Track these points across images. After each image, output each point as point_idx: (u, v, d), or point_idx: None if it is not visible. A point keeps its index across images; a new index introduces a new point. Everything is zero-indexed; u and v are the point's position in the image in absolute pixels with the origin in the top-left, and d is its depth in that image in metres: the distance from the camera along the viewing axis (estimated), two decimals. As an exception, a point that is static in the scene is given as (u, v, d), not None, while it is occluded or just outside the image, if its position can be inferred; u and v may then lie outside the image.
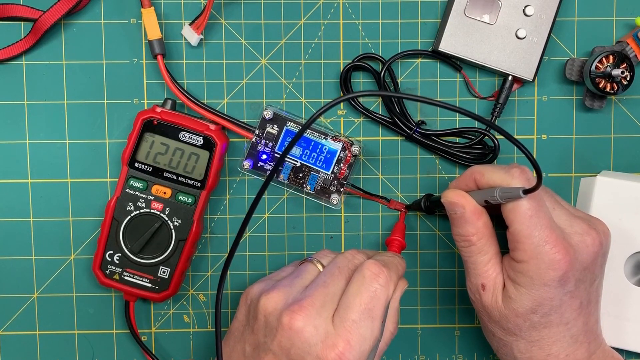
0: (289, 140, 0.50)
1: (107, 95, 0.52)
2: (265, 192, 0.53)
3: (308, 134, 0.50)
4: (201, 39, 0.51)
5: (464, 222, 0.45)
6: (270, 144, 0.50)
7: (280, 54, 0.52)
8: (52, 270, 0.52)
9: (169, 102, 0.49)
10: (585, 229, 0.44)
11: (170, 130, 0.49)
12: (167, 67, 0.50)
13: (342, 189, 0.51)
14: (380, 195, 0.52)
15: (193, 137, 0.49)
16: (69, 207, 0.52)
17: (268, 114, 0.50)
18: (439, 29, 0.52)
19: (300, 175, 0.51)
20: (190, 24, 0.50)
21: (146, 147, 0.49)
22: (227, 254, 0.43)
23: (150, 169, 0.49)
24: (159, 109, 0.49)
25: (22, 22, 0.51)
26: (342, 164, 0.50)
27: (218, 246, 0.53)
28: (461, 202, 0.45)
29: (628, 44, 0.50)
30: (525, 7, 0.50)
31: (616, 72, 0.49)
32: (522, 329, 0.44)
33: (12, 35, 0.51)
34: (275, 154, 0.50)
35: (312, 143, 0.50)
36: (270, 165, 0.51)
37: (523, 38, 0.50)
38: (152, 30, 0.49)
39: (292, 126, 0.50)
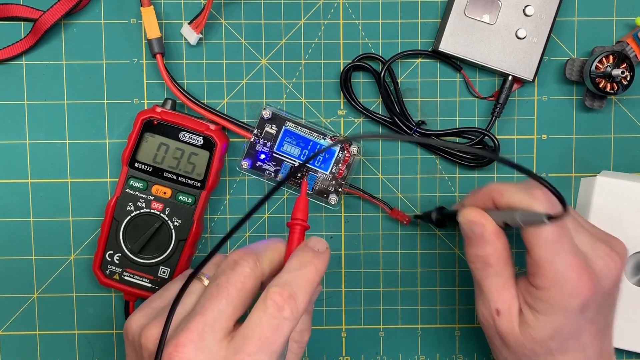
0: (288, 140, 0.50)
1: (107, 95, 0.52)
2: (266, 192, 0.53)
3: (307, 133, 0.50)
4: (200, 39, 0.51)
5: (483, 242, 0.43)
6: (268, 144, 0.50)
7: (280, 54, 0.52)
8: (52, 270, 0.52)
9: (169, 102, 0.49)
10: (607, 252, 0.43)
11: (170, 130, 0.49)
12: (166, 67, 0.50)
13: (340, 189, 0.51)
14: (381, 199, 0.52)
15: (193, 137, 0.49)
16: (69, 207, 0.52)
17: (267, 113, 0.50)
18: (439, 29, 0.52)
19: (299, 175, 0.51)
20: (189, 23, 0.50)
21: (146, 147, 0.49)
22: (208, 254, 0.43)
23: (150, 169, 0.49)
24: (159, 109, 0.49)
25: (22, 22, 0.51)
26: (340, 164, 0.50)
27: (218, 246, 0.53)
28: (481, 221, 0.43)
29: (628, 44, 0.50)
30: (525, 7, 0.50)
31: (616, 72, 0.49)
32: (538, 355, 0.43)
33: (12, 35, 0.51)
34: (274, 154, 0.50)
35: (311, 143, 0.50)
36: (268, 164, 0.50)
37: (523, 38, 0.50)
38: (152, 29, 0.49)
39: (290, 126, 0.50)
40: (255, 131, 0.50)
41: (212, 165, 0.49)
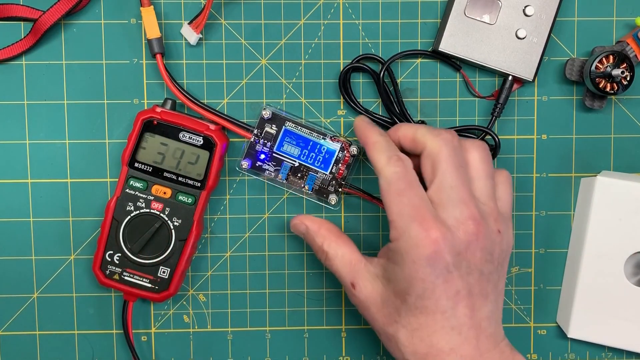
0: (288, 140, 0.50)
1: (107, 95, 0.52)
2: (266, 192, 0.53)
3: (306, 133, 0.50)
4: (200, 39, 0.51)
5: (310, 238, 0.48)
6: (268, 144, 0.50)
7: (280, 54, 0.52)
8: (52, 270, 0.52)
9: (169, 102, 0.49)
10: (468, 214, 0.43)
11: (170, 130, 0.49)
12: (166, 67, 0.50)
13: (340, 189, 0.51)
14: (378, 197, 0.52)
15: (193, 137, 0.49)
16: (69, 207, 0.52)
17: (266, 113, 0.50)
18: (439, 29, 0.52)
19: (299, 175, 0.51)
20: (189, 23, 0.50)
21: (146, 147, 0.49)
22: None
23: (150, 169, 0.49)
24: (158, 109, 0.49)
25: (22, 22, 0.51)
26: (340, 165, 0.50)
27: (218, 246, 0.53)
28: (300, 222, 0.49)
29: (628, 44, 0.50)
30: (525, 7, 0.50)
31: (616, 72, 0.49)
32: (400, 314, 0.44)
33: (12, 35, 0.51)
34: (274, 154, 0.50)
35: (311, 143, 0.50)
36: (268, 165, 0.50)
37: (523, 38, 0.50)
38: (151, 29, 0.49)
39: (290, 126, 0.50)
40: (255, 131, 0.50)
41: (212, 165, 0.49)
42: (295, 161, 0.51)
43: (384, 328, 0.45)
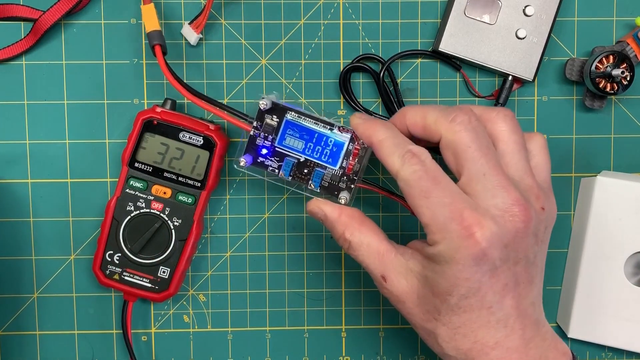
0: (290, 132, 0.46)
1: (107, 95, 0.52)
2: (266, 192, 0.53)
3: (312, 124, 0.46)
4: (200, 39, 0.51)
5: (330, 225, 0.44)
6: (270, 137, 0.46)
7: (280, 54, 0.52)
8: (52, 270, 0.52)
9: (169, 102, 0.49)
10: (511, 201, 0.39)
11: (170, 130, 0.49)
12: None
13: (353, 186, 0.46)
14: (399, 194, 0.47)
15: (193, 137, 0.49)
16: (69, 207, 0.52)
17: (264, 104, 0.46)
18: (439, 29, 0.52)
19: (306, 171, 0.46)
20: (189, 23, 0.50)
21: (146, 147, 0.49)
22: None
23: (150, 169, 0.49)
24: (159, 109, 0.49)
25: (22, 22, 0.51)
26: (351, 158, 0.46)
27: (218, 246, 0.53)
28: (318, 208, 0.44)
29: (628, 44, 0.50)
30: (525, 7, 0.50)
31: (616, 72, 0.49)
32: (440, 312, 0.40)
33: (12, 35, 0.51)
34: (277, 148, 0.46)
35: (316, 135, 0.46)
36: (271, 160, 0.46)
37: (523, 38, 0.50)
38: (151, 22, 0.48)
39: (292, 117, 0.46)
40: (255, 123, 0.46)
41: (212, 165, 0.49)
42: (300, 156, 0.46)
43: (421, 324, 0.42)
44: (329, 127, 0.46)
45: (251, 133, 0.47)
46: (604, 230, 0.50)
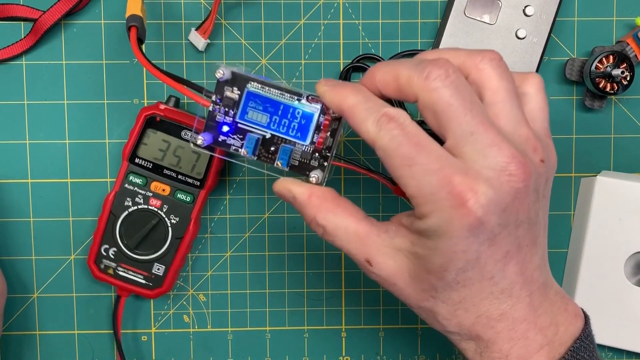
0: (252, 105, 0.40)
1: (107, 95, 0.52)
2: (266, 192, 0.53)
3: (276, 95, 0.40)
4: (208, 43, 0.51)
5: (300, 209, 0.39)
6: (231, 112, 0.40)
7: (280, 54, 0.52)
8: (52, 270, 0.52)
9: (172, 100, 0.49)
10: (506, 159, 0.34)
11: (172, 128, 0.49)
12: (164, 67, 0.50)
13: (325, 164, 0.40)
14: (383, 174, 0.45)
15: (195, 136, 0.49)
16: (69, 207, 0.52)
17: (221, 72, 0.39)
18: (439, 29, 0.52)
19: (273, 149, 0.40)
20: (196, 30, 0.50)
21: (147, 143, 0.49)
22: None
23: (150, 165, 0.49)
24: (162, 106, 0.49)
25: (22, 22, 0.51)
26: (322, 131, 0.40)
27: (218, 246, 0.53)
28: (285, 189, 0.39)
29: (628, 44, 0.50)
30: (525, 7, 0.50)
31: (616, 72, 0.49)
32: (437, 290, 0.36)
33: (12, 35, 0.51)
34: (239, 124, 0.40)
35: (282, 107, 0.40)
36: (234, 138, 0.40)
37: (523, 38, 0.50)
38: (133, 7, 0.43)
39: (254, 87, 0.40)
40: (213, 97, 0.40)
41: (213, 165, 0.49)
42: (265, 131, 0.40)
43: (418, 304, 0.38)
44: (296, 97, 0.40)
45: (209, 108, 0.41)
46: (604, 230, 0.50)
